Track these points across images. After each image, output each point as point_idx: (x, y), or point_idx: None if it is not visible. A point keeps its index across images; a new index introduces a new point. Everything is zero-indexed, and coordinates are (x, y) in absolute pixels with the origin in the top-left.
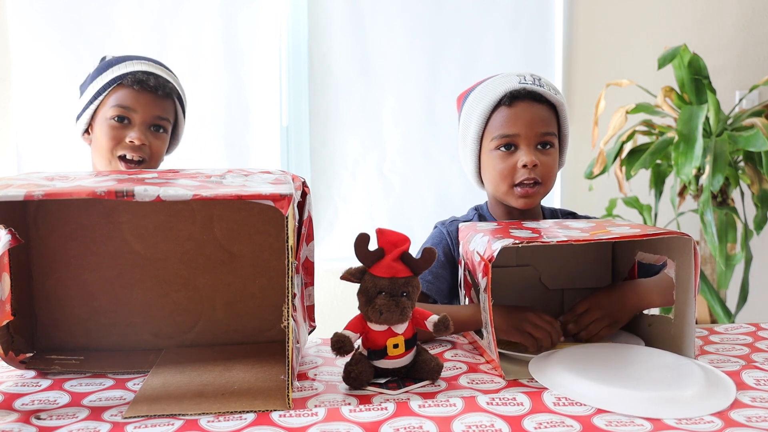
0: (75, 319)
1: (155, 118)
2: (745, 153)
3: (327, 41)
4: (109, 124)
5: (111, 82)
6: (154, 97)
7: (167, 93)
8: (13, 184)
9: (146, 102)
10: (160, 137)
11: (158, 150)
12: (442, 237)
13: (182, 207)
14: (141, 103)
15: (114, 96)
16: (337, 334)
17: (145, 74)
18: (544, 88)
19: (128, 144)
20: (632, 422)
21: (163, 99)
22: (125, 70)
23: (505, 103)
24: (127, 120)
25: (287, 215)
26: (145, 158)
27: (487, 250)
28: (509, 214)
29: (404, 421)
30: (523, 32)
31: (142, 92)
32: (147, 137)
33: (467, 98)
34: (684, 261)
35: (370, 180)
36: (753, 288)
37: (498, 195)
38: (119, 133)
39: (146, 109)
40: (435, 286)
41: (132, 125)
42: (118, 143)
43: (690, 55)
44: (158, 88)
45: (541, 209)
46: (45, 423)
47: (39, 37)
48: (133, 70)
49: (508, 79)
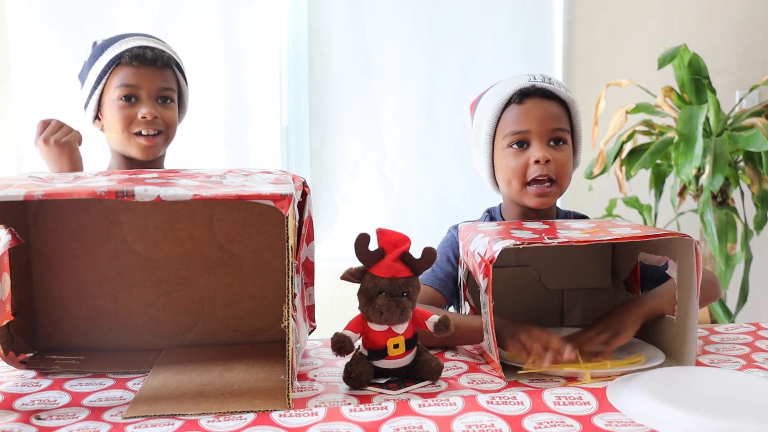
0: (75, 319)
1: (160, 90)
2: (745, 153)
3: (327, 41)
4: (117, 105)
5: (110, 63)
6: (154, 69)
7: (166, 63)
8: (13, 184)
9: (148, 75)
10: (169, 107)
11: (171, 119)
12: (454, 240)
13: (182, 207)
14: (144, 77)
15: (116, 77)
16: (337, 334)
17: (140, 48)
18: (554, 85)
19: (141, 120)
20: (632, 422)
21: (164, 69)
22: (120, 49)
23: (516, 101)
24: (134, 98)
25: (287, 215)
26: (161, 129)
27: (488, 251)
28: (524, 216)
29: (404, 420)
30: (523, 32)
31: (142, 67)
32: (157, 110)
33: (479, 102)
34: (685, 261)
35: (370, 180)
36: (753, 288)
37: (512, 195)
38: (129, 111)
39: (150, 82)
40: (448, 285)
41: (140, 101)
42: (131, 122)
43: (690, 55)
44: (156, 60)
45: (556, 212)
46: (45, 423)
47: (39, 37)
48: (128, 47)
49: (518, 78)
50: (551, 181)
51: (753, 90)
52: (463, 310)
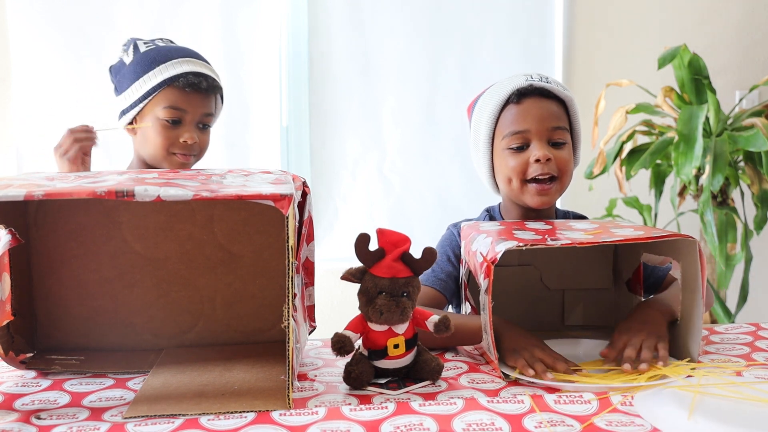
0: (75, 319)
1: (203, 117)
2: (745, 153)
3: (327, 41)
4: (162, 124)
5: (162, 83)
6: (203, 97)
7: (212, 91)
8: (13, 184)
9: (197, 103)
10: (206, 132)
11: (205, 144)
12: (453, 238)
13: (182, 207)
14: (192, 104)
15: (165, 97)
16: (337, 334)
17: (195, 76)
18: (552, 84)
19: (181, 144)
20: (632, 422)
21: (209, 97)
22: (175, 72)
23: (514, 101)
24: (179, 120)
25: (288, 215)
26: (196, 153)
27: (490, 252)
28: (523, 216)
29: (404, 419)
30: (523, 32)
31: (193, 93)
32: (197, 135)
33: (476, 103)
34: (689, 262)
35: (370, 180)
36: (753, 288)
37: (513, 194)
38: (172, 133)
39: (197, 109)
40: (448, 285)
41: (183, 125)
42: (172, 143)
43: (690, 55)
44: (209, 90)
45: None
46: (45, 423)
47: (39, 37)
48: (184, 72)
49: (516, 78)
50: (553, 178)
51: (753, 90)
52: (463, 310)
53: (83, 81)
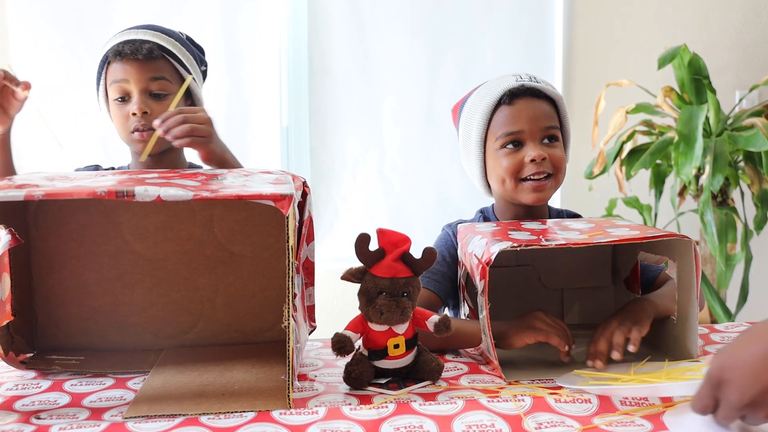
0: (75, 319)
1: (148, 83)
2: (745, 153)
3: (327, 41)
4: (114, 105)
5: (101, 63)
6: (138, 63)
7: (150, 54)
8: (13, 184)
9: (133, 70)
10: (163, 101)
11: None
12: (448, 238)
13: (182, 207)
14: (129, 73)
15: (109, 75)
16: (337, 335)
17: (122, 44)
18: (542, 84)
19: (132, 117)
20: (632, 422)
21: (150, 61)
22: (110, 45)
23: (506, 102)
24: (127, 96)
25: (288, 215)
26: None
27: (485, 253)
28: (517, 216)
29: (404, 419)
30: (523, 32)
31: (126, 62)
32: (148, 105)
33: (464, 105)
34: (685, 262)
35: (370, 180)
36: (753, 288)
37: (507, 194)
38: (123, 110)
39: (136, 77)
40: (443, 286)
41: (131, 98)
42: (126, 120)
43: (690, 55)
44: (137, 53)
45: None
46: (45, 423)
47: (39, 37)
48: (117, 43)
49: (505, 79)
50: (548, 176)
51: (753, 90)
52: (461, 311)
53: (83, 81)
